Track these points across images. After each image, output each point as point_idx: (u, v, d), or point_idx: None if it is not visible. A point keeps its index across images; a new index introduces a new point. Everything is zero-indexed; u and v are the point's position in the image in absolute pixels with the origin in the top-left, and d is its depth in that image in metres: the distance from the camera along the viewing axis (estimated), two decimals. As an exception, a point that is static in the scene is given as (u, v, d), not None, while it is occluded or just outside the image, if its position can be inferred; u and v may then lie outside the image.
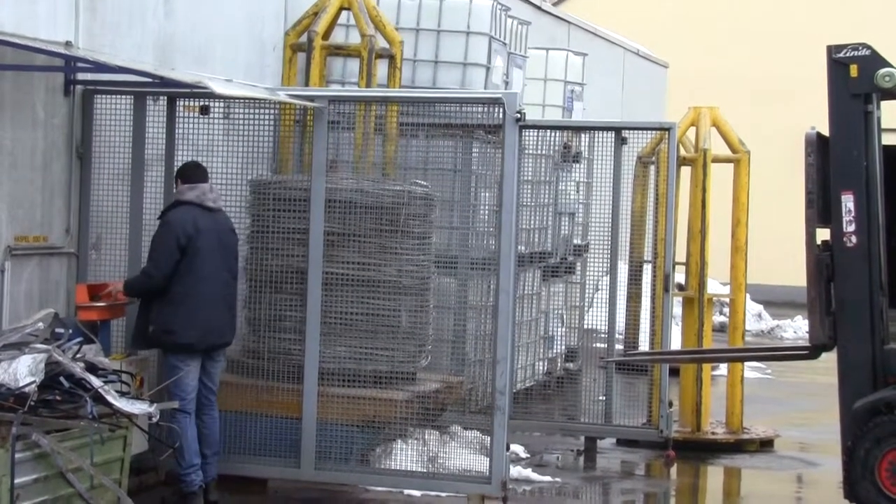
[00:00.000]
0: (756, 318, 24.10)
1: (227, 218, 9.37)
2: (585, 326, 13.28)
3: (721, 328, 18.56)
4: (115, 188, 9.63)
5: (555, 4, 25.18)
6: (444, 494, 9.74)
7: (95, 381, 7.84)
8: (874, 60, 9.17)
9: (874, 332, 9.20)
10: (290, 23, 11.72)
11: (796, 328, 23.89)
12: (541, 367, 13.60)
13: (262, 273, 9.80)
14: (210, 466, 9.20)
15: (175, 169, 9.76)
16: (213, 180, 9.86)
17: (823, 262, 9.34)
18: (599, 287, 13.25)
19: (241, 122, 9.97)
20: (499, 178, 9.47)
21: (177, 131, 9.85)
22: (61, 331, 8.32)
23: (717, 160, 12.90)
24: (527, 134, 12.21)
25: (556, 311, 13.71)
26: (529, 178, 12.75)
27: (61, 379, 7.79)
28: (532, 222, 12.98)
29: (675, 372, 12.88)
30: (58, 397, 7.73)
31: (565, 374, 13.53)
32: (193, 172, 9.25)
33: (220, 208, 9.27)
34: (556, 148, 13.15)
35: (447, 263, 10.63)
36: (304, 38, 11.24)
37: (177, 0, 10.42)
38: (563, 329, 13.71)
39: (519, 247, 11.39)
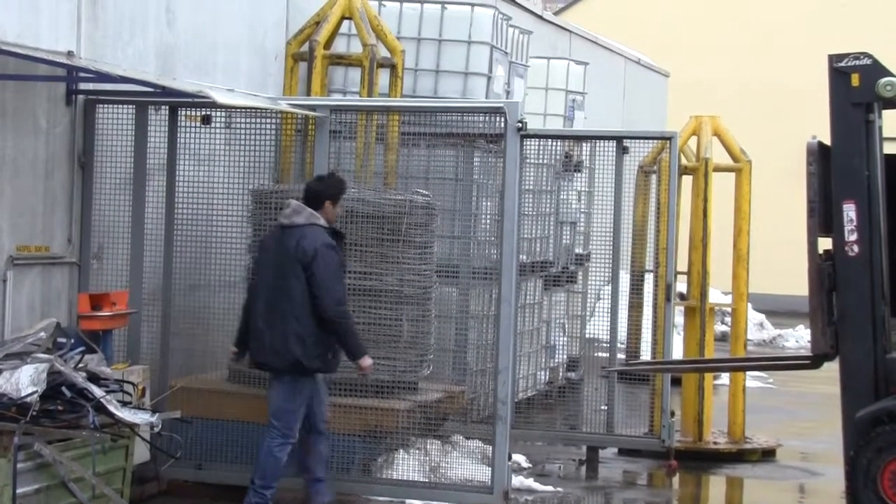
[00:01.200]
0: (758, 328, 24.05)
1: (299, 234, 8.81)
2: (587, 336, 13.26)
3: (723, 337, 18.51)
4: (116, 198, 9.64)
5: (556, 14, 25.22)
6: (445, 504, 9.73)
7: (97, 391, 7.84)
8: (875, 69, 9.16)
9: (876, 342, 9.17)
10: (291, 32, 11.73)
11: (798, 337, 23.84)
12: (542, 377, 13.58)
13: (264, 282, 9.77)
14: (312, 486, 9.08)
15: (176, 178, 9.78)
16: (214, 190, 9.90)
17: (825, 271, 9.32)
18: (601, 296, 13.24)
19: (242, 131, 9.97)
20: (500, 188, 9.46)
21: (178, 141, 9.85)
22: (63, 340, 8.33)
23: (718, 169, 12.88)
24: (528, 143, 12.19)
25: (557, 321, 13.70)
26: (531, 187, 12.74)
27: (63, 389, 7.80)
28: (533, 231, 12.97)
29: (676, 381, 12.86)
30: (60, 407, 7.74)
31: (567, 384, 13.51)
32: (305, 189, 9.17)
33: (293, 224, 8.86)
34: (558, 157, 13.14)
35: (449, 273, 10.63)
36: (305, 48, 11.25)
37: (179, 9, 10.44)
38: (565, 338, 13.70)
39: (520, 256, 11.38)
